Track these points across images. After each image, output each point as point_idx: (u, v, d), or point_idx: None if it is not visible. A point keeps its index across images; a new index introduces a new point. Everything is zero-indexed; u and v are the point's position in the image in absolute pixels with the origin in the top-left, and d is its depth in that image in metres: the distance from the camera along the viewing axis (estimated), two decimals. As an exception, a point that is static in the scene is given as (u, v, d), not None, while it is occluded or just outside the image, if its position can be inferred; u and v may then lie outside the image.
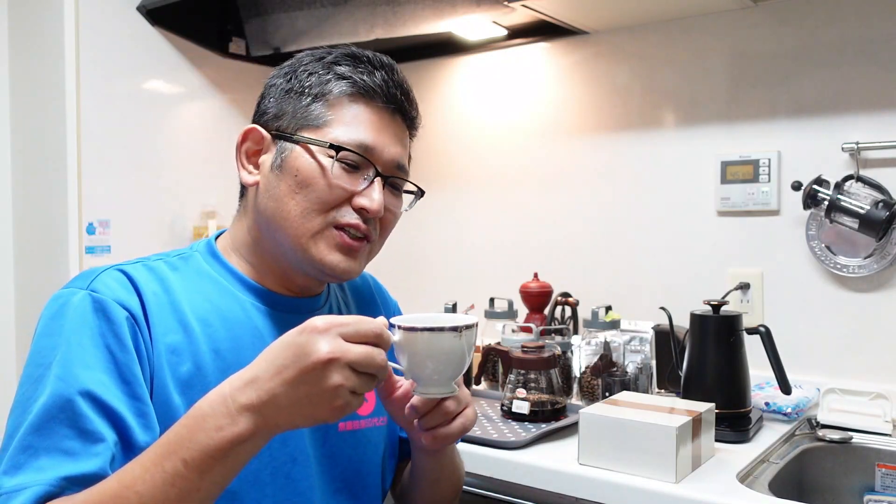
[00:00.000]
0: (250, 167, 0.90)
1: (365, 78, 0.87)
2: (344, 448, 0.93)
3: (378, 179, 0.87)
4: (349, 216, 0.86)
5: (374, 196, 0.86)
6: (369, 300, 1.08)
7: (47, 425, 0.71)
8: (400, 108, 0.90)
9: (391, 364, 0.72)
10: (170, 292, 0.84)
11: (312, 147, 0.85)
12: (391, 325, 0.74)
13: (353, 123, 0.86)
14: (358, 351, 0.66)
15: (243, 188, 0.93)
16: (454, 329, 0.75)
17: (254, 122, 0.92)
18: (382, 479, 1.00)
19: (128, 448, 0.73)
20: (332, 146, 0.85)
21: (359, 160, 0.86)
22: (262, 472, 0.84)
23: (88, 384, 0.73)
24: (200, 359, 0.82)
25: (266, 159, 0.88)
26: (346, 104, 0.87)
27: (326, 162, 0.85)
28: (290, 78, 0.90)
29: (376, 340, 0.69)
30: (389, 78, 0.89)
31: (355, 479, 0.94)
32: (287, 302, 0.91)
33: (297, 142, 0.86)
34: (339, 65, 0.89)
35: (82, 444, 0.71)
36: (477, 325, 0.78)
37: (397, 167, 0.90)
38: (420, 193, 0.96)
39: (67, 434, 0.71)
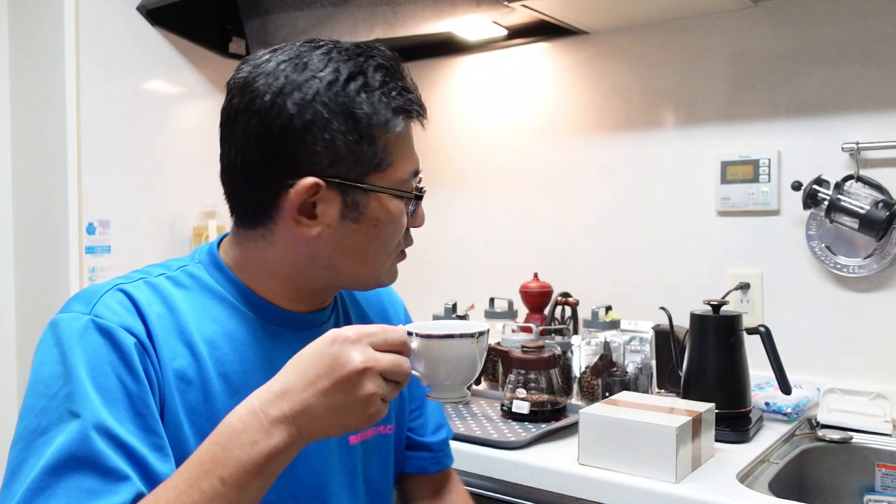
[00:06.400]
0: (304, 220, 0.80)
1: (412, 99, 0.83)
2: (358, 461, 0.93)
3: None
4: (408, 238, 0.89)
5: (423, 215, 0.89)
6: (373, 300, 1.04)
7: (65, 465, 0.67)
8: None
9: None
10: (175, 312, 0.80)
11: (386, 194, 0.82)
12: (409, 333, 0.76)
13: (406, 152, 0.84)
14: (388, 359, 0.69)
15: (256, 216, 0.82)
16: (470, 336, 0.78)
17: (287, 161, 0.79)
18: (393, 487, 1.00)
19: (149, 485, 0.70)
20: (416, 196, 0.86)
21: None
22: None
23: (104, 420, 0.70)
24: (209, 384, 0.79)
25: (328, 210, 0.80)
26: (403, 134, 0.83)
27: (403, 207, 0.85)
28: (339, 113, 0.78)
29: (401, 348, 0.71)
30: (413, 81, 0.85)
31: (370, 491, 0.95)
32: (296, 318, 0.87)
33: (371, 191, 0.81)
34: (389, 91, 0.80)
35: (103, 482, 0.67)
36: (489, 332, 0.81)
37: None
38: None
39: (87, 473, 0.67)
